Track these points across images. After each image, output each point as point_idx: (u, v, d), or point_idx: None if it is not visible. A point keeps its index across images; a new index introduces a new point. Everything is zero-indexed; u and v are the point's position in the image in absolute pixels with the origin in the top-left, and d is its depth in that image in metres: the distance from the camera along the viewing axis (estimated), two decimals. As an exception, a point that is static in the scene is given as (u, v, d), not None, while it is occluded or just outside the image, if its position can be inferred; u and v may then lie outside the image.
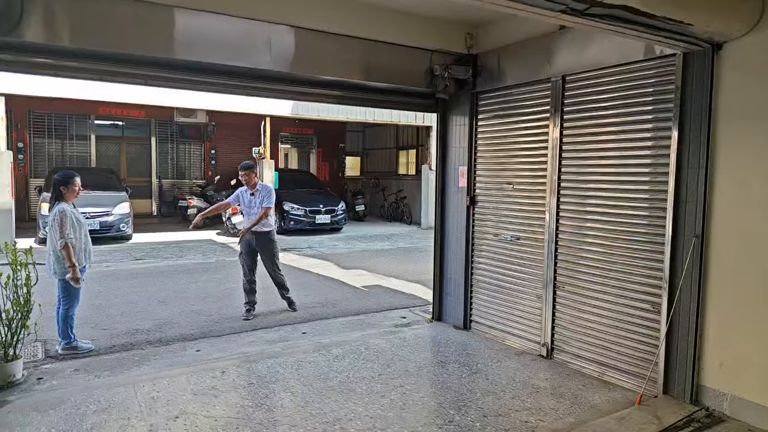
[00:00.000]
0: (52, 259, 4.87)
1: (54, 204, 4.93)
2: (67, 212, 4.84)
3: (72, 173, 5.10)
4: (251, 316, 6.22)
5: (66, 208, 4.87)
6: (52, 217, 4.84)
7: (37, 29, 3.79)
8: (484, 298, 5.63)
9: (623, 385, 4.26)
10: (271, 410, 3.80)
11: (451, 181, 5.91)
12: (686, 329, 3.87)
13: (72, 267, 4.80)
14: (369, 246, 12.28)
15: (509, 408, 3.88)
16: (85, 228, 5.07)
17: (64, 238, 4.76)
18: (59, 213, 4.81)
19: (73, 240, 4.82)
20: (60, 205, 4.88)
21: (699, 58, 3.73)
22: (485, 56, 5.44)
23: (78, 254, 4.88)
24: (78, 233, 4.93)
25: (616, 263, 4.33)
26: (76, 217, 4.96)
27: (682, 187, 3.86)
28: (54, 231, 4.81)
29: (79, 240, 4.94)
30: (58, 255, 4.83)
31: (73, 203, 5.06)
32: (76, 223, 4.91)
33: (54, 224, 4.80)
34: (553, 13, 2.97)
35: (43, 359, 4.86)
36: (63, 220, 4.78)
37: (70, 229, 4.80)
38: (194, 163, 17.68)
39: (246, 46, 4.57)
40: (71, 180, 4.98)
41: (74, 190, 4.99)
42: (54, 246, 4.83)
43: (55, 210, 4.85)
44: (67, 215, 4.82)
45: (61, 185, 4.94)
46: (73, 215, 4.92)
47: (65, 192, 4.94)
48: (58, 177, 5.03)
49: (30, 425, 3.53)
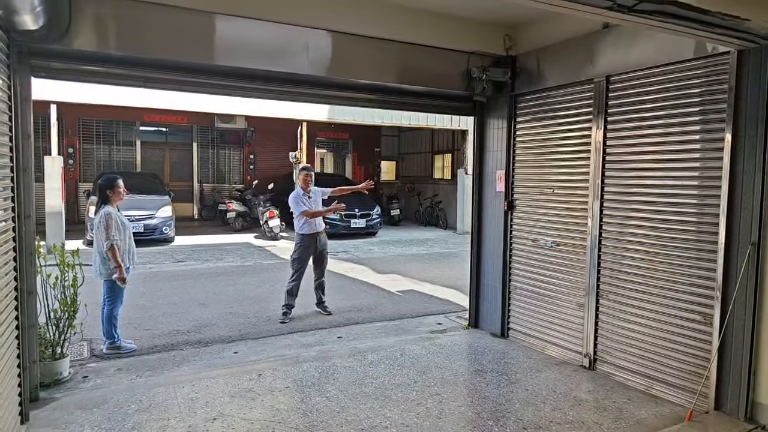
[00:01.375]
0: (98, 260, 5.04)
1: (100, 207, 5.10)
2: (112, 215, 5.00)
3: (115, 177, 5.27)
4: (288, 319, 6.27)
5: (111, 211, 5.03)
6: (98, 220, 5.00)
7: (84, 37, 3.91)
8: (522, 306, 5.48)
9: (672, 399, 4.05)
10: (306, 414, 3.79)
11: (489, 186, 5.80)
12: (740, 342, 3.66)
13: (118, 267, 4.95)
14: (404, 251, 12.22)
15: (550, 420, 3.75)
16: (129, 230, 5.22)
17: (110, 240, 4.91)
18: (105, 216, 4.97)
19: (118, 242, 4.97)
20: (105, 208, 5.05)
21: (755, 55, 3.53)
22: (524, 58, 5.32)
23: (122, 256, 5.03)
24: (122, 235, 5.07)
25: (663, 271, 4.13)
26: (121, 220, 5.12)
27: (737, 192, 3.66)
28: (100, 233, 4.97)
29: (124, 242, 5.08)
30: (103, 256, 4.99)
31: (118, 206, 5.22)
32: (120, 226, 5.07)
33: (100, 227, 4.97)
34: (599, 10, 2.87)
35: (88, 358, 5.01)
36: (108, 222, 4.94)
37: (115, 232, 4.96)
38: (234, 167, 18.06)
39: (284, 51, 4.61)
40: (115, 183, 5.13)
41: (119, 192, 5.15)
42: (100, 248, 4.99)
43: (101, 213, 5.02)
44: (112, 218, 4.97)
45: (107, 189, 5.11)
46: (118, 218, 5.08)
47: (110, 195, 5.11)
48: (102, 181, 5.20)
49: (75, 423, 3.63)
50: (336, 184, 15.97)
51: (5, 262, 3.33)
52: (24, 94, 3.76)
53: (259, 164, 18.03)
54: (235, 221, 14.52)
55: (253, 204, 14.86)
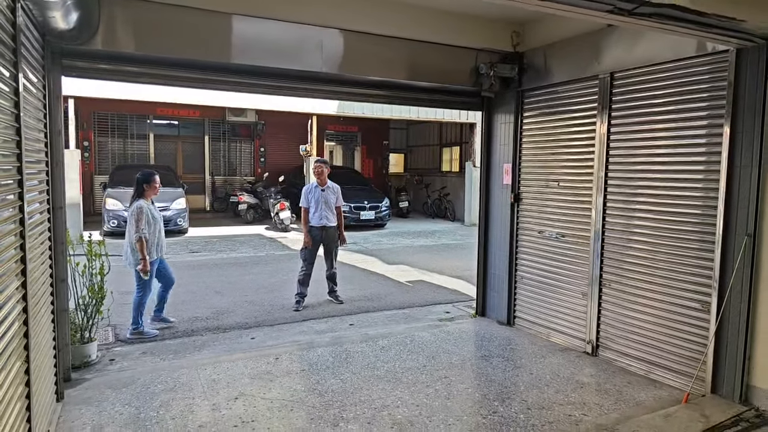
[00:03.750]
0: (128, 250, 5.36)
1: (134, 200, 5.39)
2: (144, 209, 5.30)
3: (153, 172, 5.61)
4: (301, 307, 6.50)
5: (143, 204, 5.34)
6: (131, 212, 5.31)
7: (111, 38, 4.12)
8: (528, 295, 5.68)
9: (670, 383, 4.24)
10: (322, 395, 4.02)
11: (496, 179, 5.97)
12: (736, 328, 3.83)
13: (143, 260, 5.23)
14: (412, 242, 12.43)
15: (553, 402, 3.96)
16: (160, 224, 5.54)
17: (139, 233, 5.22)
18: (137, 209, 5.29)
19: (147, 234, 5.27)
20: (139, 201, 5.35)
21: (753, 53, 3.67)
22: (531, 54, 5.47)
23: (150, 248, 5.32)
24: (152, 228, 5.38)
25: (664, 261, 4.30)
26: (152, 214, 5.43)
27: (734, 185, 3.81)
28: (131, 225, 5.29)
29: (153, 235, 5.39)
30: (133, 247, 5.29)
31: (152, 200, 5.53)
32: (151, 219, 5.38)
33: (131, 219, 5.29)
34: (600, 13, 3.02)
35: (114, 342, 5.28)
36: (139, 215, 5.26)
37: (145, 225, 5.27)
38: (244, 160, 18.31)
39: (299, 50, 4.80)
40: (152, 179, 5.48)
41: (154, 187, 5.50)
42: (130, 239, 5.30)
43: (134, 206, 5.32)
44: (143, 212, 5.28)
45: (144, 183, 5.44)
46: (150, 212, 5.38)
47: (147, 189, 5.43)
48: (140, 175, 5.52)
49: (107, 401, 3.88)
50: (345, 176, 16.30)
51: (42, 251, 3.57)
52: (56, 92, 3.99)
53: (269, 157, 18.27)
54: (247, 213, 14.79)
55: (264, 196, 15.10)
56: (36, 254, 3.26)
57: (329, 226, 6.68)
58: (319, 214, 6.63)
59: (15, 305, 2.71)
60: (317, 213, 6.63)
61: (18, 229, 2.83)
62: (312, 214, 6.65)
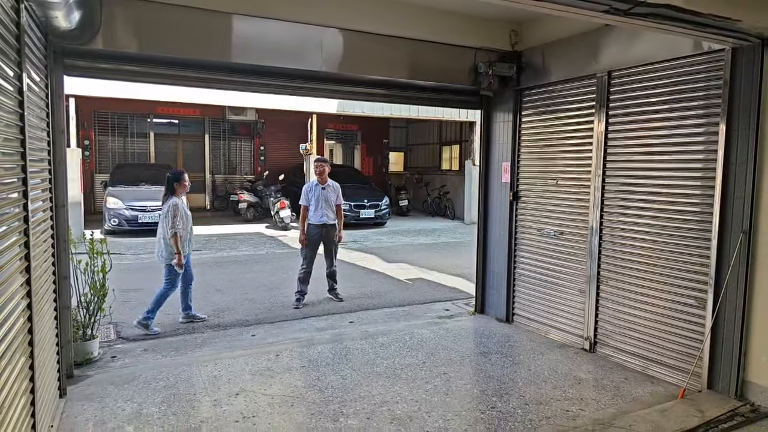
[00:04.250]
0: (162, 245, 5.54)
1: (167, 198, 5.60)
2: (179, 206, 5.53)
3: (182, 171, 5.88)
4: (301, 305, 6.55)
5: (177, 201, 5.56)
6: (166, 209, 5.53)
7: (113, 38, 4.16)
8: (526, 292, 5.72)
9: (666, 379, 4.29)
10: (322, 391, 4.07)
11: (495, 177, 6.01)
12: (732, 325, 3.87)
13: (177, 254, 5.45)
14: (412, 240, 12.47)
15: (550, 397, 4.00)
16: (191, 221, 5.76)
17: (174, 228, 5.41)
18: (172, 206, 5.49)
19: (181, 230, 5.47)
20: (173, 199, 5.57)
21: (748, 53, 3.71)
22: (530, 53, 5.51)
23: (183, 243, 5.51)
24: (185, 225, 5.60)
25: (661, 258, 4.35)
26: (185, 211, 5.64)
27: (730, 182, 3.86)
28: (166, 221, 5.48)
29: (186, 231, 5.60)
30: (166, 242, 5.48)
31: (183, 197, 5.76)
32: (184, 216, 5.58)
33: (167, 215, 5.48)
34: (596, 13, 3.06)
35: (115, 340, 5.32)
36: (175, 212, 5.47)
37: (180, 221, 5.45)
38: (244, 158, 18.35)
39: (299, 49, 4.83)
40: (182, 177, 5.73)
41: (184, 185, 5.72)
42: (164, 234, 5.50)
43: (169, 203, 5.53)
44: (178, 208, 5.50)
45: (174, 182, 5.66)
46: (183, 209, 5.60)
47: (177, 187, 5.65)
48: (170, 175, 5.75)
49: (109, 397, 3.93)
50: (345, 175, 16.36)
51: (45, 249, 3.61)
52: (58, 92, 4.03)
53: (269, 155, 18.31)
54: (247, 212, 14.83)
55: (264, 195, 15.14)
56: (39, 252, 3.30)
57: (329, 224, 6.73)
58: (319, 213, 6.67)
59: (20, 301, 2.75)
60: (318, 211, 6.67)
61: (22, 226, 2.87)
62: (312, 212, 6.69)
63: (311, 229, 6.68)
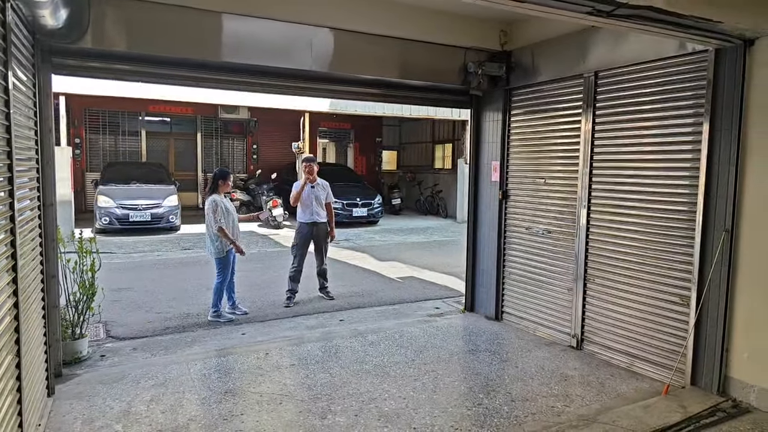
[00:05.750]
0: (208, 241, 5.81)
1: (209, 195, 5.93)
2: (218, 202, 5.80)
3: (228, 171, 6.20)
4: (292, 303, 6.56)
5: (217, 198, 5.81)
6: (208, 206, 5.78)
7: (102, 37, 4.15)
8: (515, 290, 5.77)
9: (651, 375, 4.35)
10: (311, 388, 4.09)
11: (484, 176, 6.05)
12: (714, 321, 3.93)
13: (233, 243, 5.80)
14: (404, 239, 12.50)
15: (537, 394, 4.05)
16: (233, 215, 5.99)
17: (218, 223, 5.67)
18: (212, 203, 5.76)
19: (223, 223, 5.70)
20: (213, 195, 5.82)
21: (731, 53, 3.77)
22: (519, 53, 5.55)
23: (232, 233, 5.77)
24: (227, 219, 5.82)
25: (647, 257, 4.40)
26: (226, 207, 5.87)
27: (713, 181, 3.91)
28: (209, 218, 5.74)
29: (229, 225, 5.81)
30: (212, 238, 5.74)
31: (224, 194, 5.99)
32: (224, 211, 5.80)
33: (209, 212, 5.74)
34: (579, 15, 3.10)
35: (104, 339, 5.32)
36: (215, 208, 5.76)
37: (220, 215, 5.70)
38: (237, 157, 18.30)
39: (289, 48, 4.84)
40: (228, 176, 6.03)
41: (228, 184, 6.01)
42: (211, 230, 5.75)
43: (209, 200, 5.81)
44: (217, 204, 5.78)
45: (220, 179, 5.93)
46: (223, 204, 5.82)
47: (221, 185, 5.92)
48: (217, 172, 6.05)
49: (97, 396, 3.93)
50: (338, 173, 16.37)
51: (33, 247, 3.61)
52: (46, 90, 4.02)
53: (262, 154, 18.27)
54: (239, 210, 14.79)
55: (256, 193, 15.12)
56: (26, 251, 3.30)
57: (320, 222, 6.74)
58: (309, 211, 6.69)
59: (6, 300, 2.75)
60: (308, 209, 6.69)
61: (8, 225, 2.87)
62: (302, 210, 6.71)
63: (302, 228, 6.70)
